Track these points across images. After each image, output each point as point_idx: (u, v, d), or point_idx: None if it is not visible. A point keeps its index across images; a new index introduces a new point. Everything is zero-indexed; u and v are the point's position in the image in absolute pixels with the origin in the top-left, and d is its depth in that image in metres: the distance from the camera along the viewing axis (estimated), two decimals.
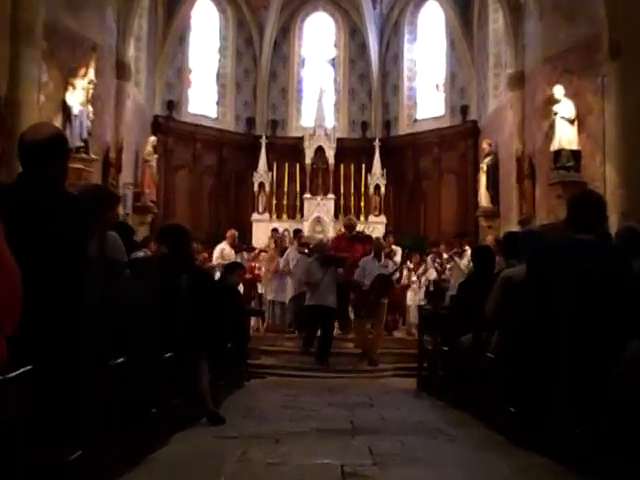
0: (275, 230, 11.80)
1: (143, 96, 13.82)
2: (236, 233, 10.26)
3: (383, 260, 8.86)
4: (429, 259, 10.53)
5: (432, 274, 10.19)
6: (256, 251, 10.76)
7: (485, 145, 13.31)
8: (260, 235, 13.76)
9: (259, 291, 10.86)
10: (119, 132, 11.54)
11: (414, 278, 10.56)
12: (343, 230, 10.21)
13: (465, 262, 8.77)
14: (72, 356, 2.18)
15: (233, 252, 9.88)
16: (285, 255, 10.14)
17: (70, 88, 9.06)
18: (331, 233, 14.48)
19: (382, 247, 9.02)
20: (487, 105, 14.22)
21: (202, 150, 15.80)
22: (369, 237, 10.05)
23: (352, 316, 9.46)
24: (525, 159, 11.49)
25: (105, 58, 10.75)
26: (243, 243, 11.72)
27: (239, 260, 9.88)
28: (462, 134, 15.29)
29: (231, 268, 7.43)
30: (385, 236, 10.92)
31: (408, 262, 10.59)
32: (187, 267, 4.14)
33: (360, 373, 8.46)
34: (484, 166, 13.14)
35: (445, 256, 10.21)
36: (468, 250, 8.98)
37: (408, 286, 10.64)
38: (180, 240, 4.22)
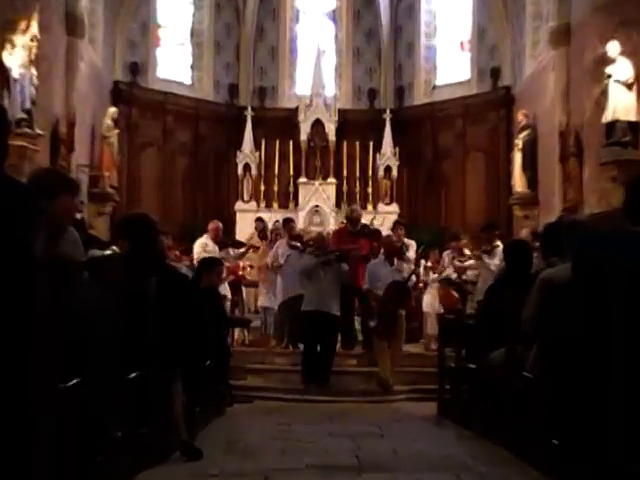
0: (260, 220, 11.80)
1: (100, 57, 13.79)
2: (220, 225, 10.23)
3: (396, 263, 8.86)
4: (445, 256, 10.54)
5: (450, 275, 10.20)
6: (244, 248, 10.72)
7: (521, 116, 13.32)
8: (245, 228, 13.80)
9: (244, 295, 10.87)
10: (71, 102, 11.53)
11: (434, 277, 10.55)
12: (345, 223, 10.20)
13: (496, 262, 8.73)
14: (14, 377, 2.17)
15: (217, 248, 9.85)
16: (274, 249, 10.15)
17: (8, 46, 8.90)
18: (332, 226, 14.50)
19: (395, 248, 9.01)
20: (523, 67, 14.21)
21: (174, 124, 15.82)
22: (377, 232, 10.05)
23: (358, 327, 9.47)
24: (570, 133, 11.47)
25: (52, 9, 10.71)
26: (227, 238, 11.71)
27: (225, 258, 9.87)
28: (492, 103, 15.32)
29: (207, 265, 7.42)
30: (393, 228, 10.92)
31: (423, 260, 10.56)
32: (156, 267, 4.14)
33: (367, 396, 8.47)
34: (519, 142, 13.15)
35: (467, 253, 10.22)
36: (499, 246, 8.97)
37: (424, 289, 10.65)
38: (145, 234, 4.21)
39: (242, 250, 10.59)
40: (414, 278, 9.13)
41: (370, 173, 15.73)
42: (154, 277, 4.01)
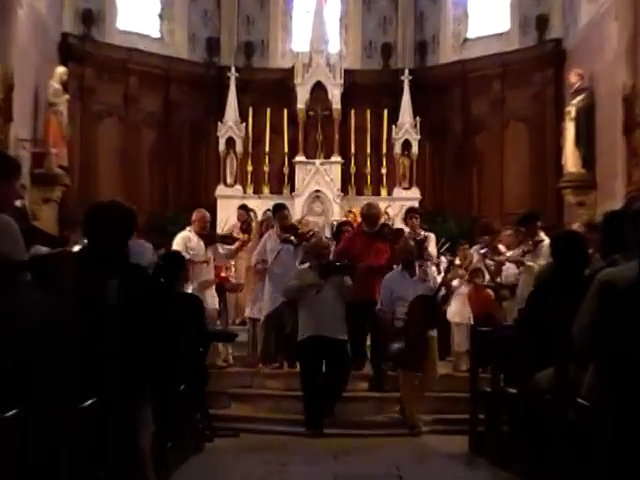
0: (244, 208, 11.74)
1: (45, 3, 13.77)
2: (207, 215, 10.21)
3: (418, 272, 8.73)
4: (474, 252, 10.54)
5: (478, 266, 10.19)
6: (237, 243, 10.69)
7: (574, 78, 13.32)
8: (229, 218, 13.68)
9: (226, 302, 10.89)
10: (8, 59, 11.50)
11: (461, 273, 10.51)
12: (350, 212, 10.14)
13: (542, 262, 8.72)
14: None
15: (202, 244, 9.85)
16: (260, 244, 10.11)
17: None
18: (336, 216, 14.50)
19: (412, 253, 8.85)
20: (578, 15, 14.20)
21: (139, 89, 15.84)
22: (400, 233, 10.00)
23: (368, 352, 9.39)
24: (637, 97, 11.45)
25: None
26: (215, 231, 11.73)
27: (213, 256, 9.91)
28: (538, 61, 15.32)
29: (171, 260, 7.46)
30: (405, 217, 10.87)
31: (443, 258, 10.50)
32: (117, 267, 4.14)
33: (381, 428, 8.49)
34: (572, 110, 13.16)
35: (502, 249, 10.23)
36: (545, 241, 8.96)
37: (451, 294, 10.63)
38: (109, 225, 4.21)
39: (234, 247, 10.55)
40: (443, 290, 8.77)
41: (384, 150, 15.73)
42: (115, 279, 4.01)
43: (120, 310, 3.98)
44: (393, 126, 15.67)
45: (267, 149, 15.75)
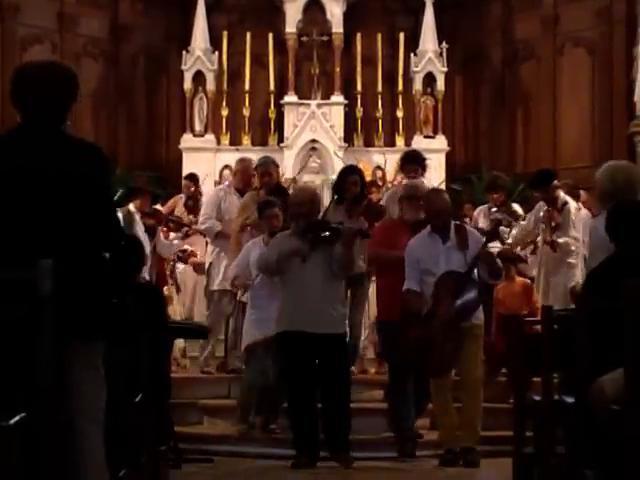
0: (243, 160, 11.12)
1: None
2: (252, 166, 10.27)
3: (452, 237, 8.25)
4: (479, 214, 10.76)
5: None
6: (185, 228, 10.77)
7: None
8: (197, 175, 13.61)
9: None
10: None
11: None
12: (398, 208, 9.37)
13: (574, 233, 8.82)
14: None
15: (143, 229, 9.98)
16: (242, 252, 9.37)
17: None
18: (333, 171, 14.42)
19: (446, 210, 8.46)
20: None
21: (77, 6, 15.78)
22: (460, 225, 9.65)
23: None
24: None
25: None
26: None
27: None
28: None
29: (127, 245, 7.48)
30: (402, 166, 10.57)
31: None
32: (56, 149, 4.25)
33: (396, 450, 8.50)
34: None
35: (519, 211, 10.52)
36: (571, 204, 9.07)
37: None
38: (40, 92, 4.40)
39: (176, 240, 10.76)
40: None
41: (400, 87, 15.74)
42: (49, 260, 4.00)
43: (55, 300, 3.97)
44: (412, 55, 15.70)
45: (247, 87, 15.78)
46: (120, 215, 9.97)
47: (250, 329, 8.96)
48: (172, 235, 11.09)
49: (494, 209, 10.46)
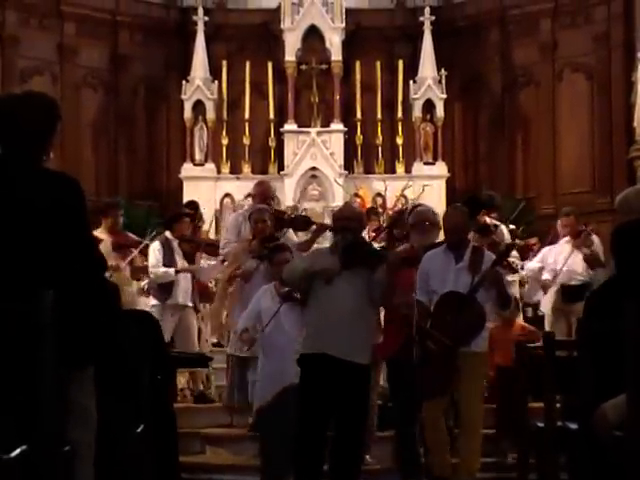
0: (262, 183, 10.71)
1: None
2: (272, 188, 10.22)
3: (468, 255, 7.86)
4: None
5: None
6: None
7: None
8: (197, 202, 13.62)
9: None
10: None
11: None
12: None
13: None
14: None
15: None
16: (253, 302, 9.08)
17: None
18: (338, 199, 14.44)
19: (463, 229, 8.18)
20: None
21: (77, 38, 15.83)
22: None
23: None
24: None
25: None
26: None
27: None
28: None
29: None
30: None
31: None
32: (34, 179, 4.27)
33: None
34: None
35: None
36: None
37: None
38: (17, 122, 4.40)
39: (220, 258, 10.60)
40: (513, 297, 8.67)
41: (399, 114, 15.74)
42: (50, 290, 4.00)
43: (55, 326, 3.97)
44: (411, 82, 15.67)
45: (247, 115, 15.74)
46: (158, 244, 10.10)
47: (263, 383, 8.40)
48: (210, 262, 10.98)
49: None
